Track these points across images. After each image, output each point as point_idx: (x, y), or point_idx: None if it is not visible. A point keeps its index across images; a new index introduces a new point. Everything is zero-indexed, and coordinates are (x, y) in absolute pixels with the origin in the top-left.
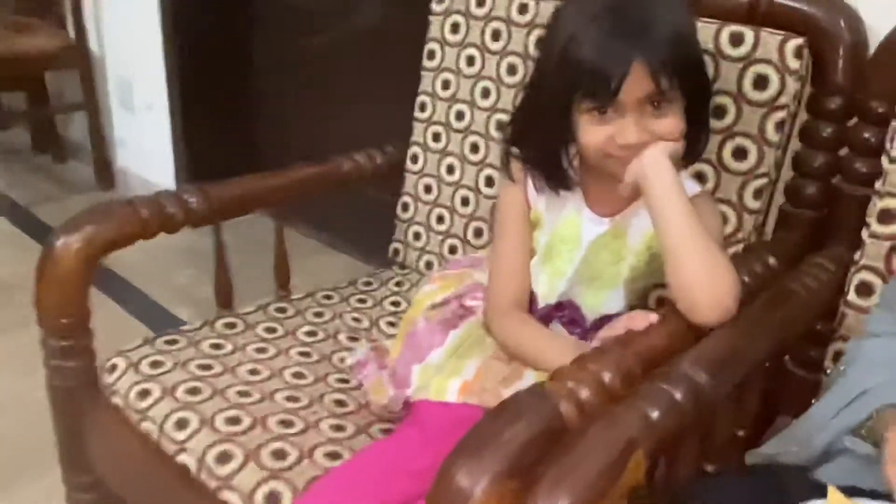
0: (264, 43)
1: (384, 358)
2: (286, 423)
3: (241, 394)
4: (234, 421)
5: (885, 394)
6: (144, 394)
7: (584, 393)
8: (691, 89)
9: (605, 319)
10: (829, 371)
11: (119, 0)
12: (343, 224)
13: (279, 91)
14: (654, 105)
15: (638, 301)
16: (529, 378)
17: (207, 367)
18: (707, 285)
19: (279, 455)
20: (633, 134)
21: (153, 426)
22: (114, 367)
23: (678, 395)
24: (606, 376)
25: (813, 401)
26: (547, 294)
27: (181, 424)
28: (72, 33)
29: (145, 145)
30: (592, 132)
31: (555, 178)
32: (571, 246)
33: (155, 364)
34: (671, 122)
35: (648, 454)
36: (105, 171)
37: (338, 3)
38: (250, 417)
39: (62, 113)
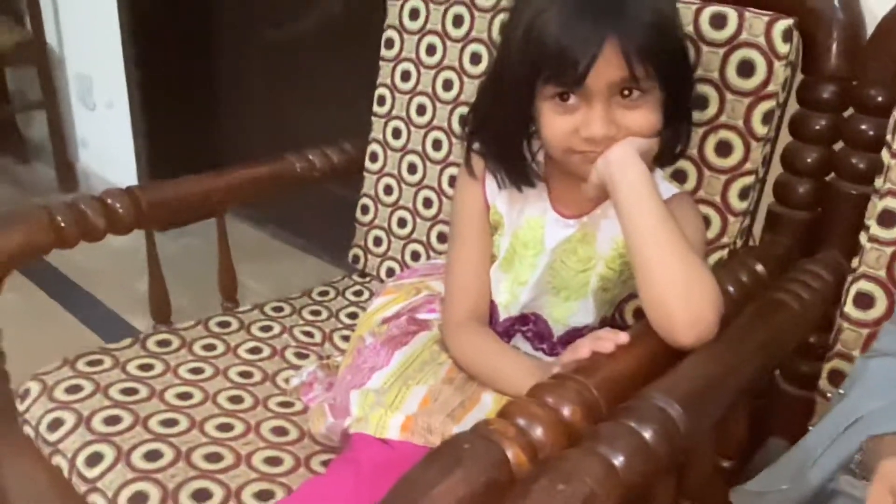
0: (227, 35)
1: (334, 377)
2: (214, 458)
3: (166, 423)
4: (154, 455)
5: (879, 421)
6: (56, 423)
7: (538, 433)
8: (670, 79)
9: (574, 333)
10: (828, 395)
11: None
12: (315, 226)
13: (244, 85)
14: (626, 95)
15: (611, 312)
16: (487, 403)
17: (132, 392)
18: (683, 301)
19: (201, 496)
20: (599, 126)
21: (64, 461)
22: (27, 393)
23: (648, 435)
24: (565, 411)
25: (809, 426)
26: (509, 304)
27: (94, 460)
28: (29, 29)
29: (107, 144)
30: (555, 122)
31: (515, 172)
32: (535, 251)
33: (72, 389)
34: (644, 116)
35: None
36: (67, 172)
37: None
38: (173, 451)
39: (21, 112)
